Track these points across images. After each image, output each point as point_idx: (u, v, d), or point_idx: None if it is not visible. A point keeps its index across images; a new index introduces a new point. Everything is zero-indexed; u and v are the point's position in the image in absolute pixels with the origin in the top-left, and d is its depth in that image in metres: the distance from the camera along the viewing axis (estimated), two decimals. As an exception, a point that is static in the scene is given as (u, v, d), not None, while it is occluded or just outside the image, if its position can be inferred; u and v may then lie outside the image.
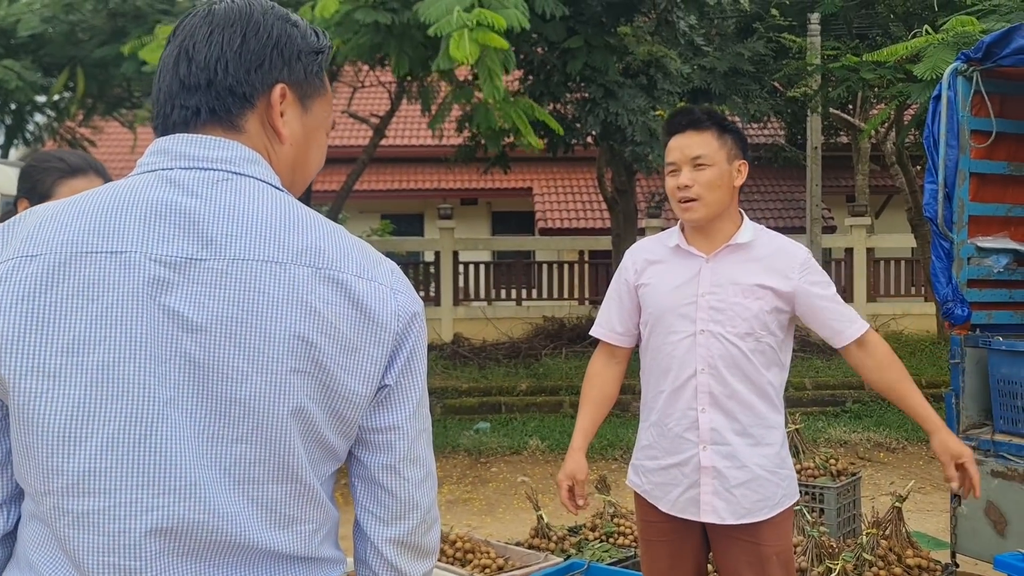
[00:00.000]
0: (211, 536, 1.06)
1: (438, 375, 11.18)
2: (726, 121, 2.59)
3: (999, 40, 3.98)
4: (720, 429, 2.50)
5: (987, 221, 4.35)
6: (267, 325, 1.06)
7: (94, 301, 1.02)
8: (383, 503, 1.19)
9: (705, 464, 2.51)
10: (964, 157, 4.20)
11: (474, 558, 3.91)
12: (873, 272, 13.83)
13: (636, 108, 8.08)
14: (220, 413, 1.06)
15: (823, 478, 4.14)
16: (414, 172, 17.88)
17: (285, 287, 1.07)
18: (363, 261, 1.15)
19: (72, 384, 1.02)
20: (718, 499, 2.50)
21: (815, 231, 12.68)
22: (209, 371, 1.05)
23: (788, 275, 2.53)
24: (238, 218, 1.09)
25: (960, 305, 4.14)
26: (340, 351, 1.10)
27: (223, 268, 1.06)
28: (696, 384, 2.51)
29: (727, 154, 2.52)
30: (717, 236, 2.55)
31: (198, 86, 1.15)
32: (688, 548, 2.61)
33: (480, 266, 14.23)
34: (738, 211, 2.62)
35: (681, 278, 2.55)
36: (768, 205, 16.29)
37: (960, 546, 4.08)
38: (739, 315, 2.50)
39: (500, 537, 5.30)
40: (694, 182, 2.48)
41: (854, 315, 2.60)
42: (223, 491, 1.06)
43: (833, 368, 10.87)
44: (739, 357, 2.50)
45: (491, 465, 7.97)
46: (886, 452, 8.07)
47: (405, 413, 1.18)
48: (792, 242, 2.64)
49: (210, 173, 1.12)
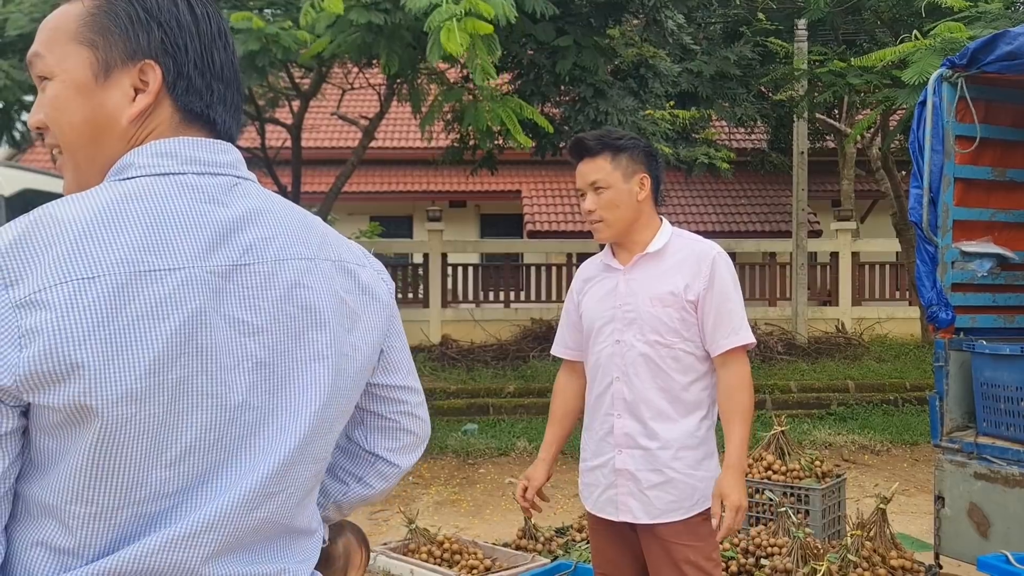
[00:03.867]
0: (255, 512, 1.09)
1: (426, 377, 11.18)
2: (620, 140, 2.62)
3: (984, 46, 4.03)
4: (633, 434, 2.59)
5: (971, 226, 4.40)
6: (316, 317, 1.14)
7: (164, 320, 1.01)
8: (404, 441, 1.36)
9: (619, 467, 2.61)
10: (949, 162, 4.25)
11: (461, 559, 3.93)
12: (858, 276, 13.92)
13: (625, 108, 8.12)
14: (285, 406, 1.11)
15: (808, 480, 4.17)
16: (403, 174, 17.87)
17: (320, 280, 1.16)
18: (356, 250, 1.26)
19: (155, 403, 1.01)
20: (633, 500, 2.59)
21: (800, 236, 12.75)
22: (275, 368, 1.10)
23: (696, 278, 2.55)
24: (263, 222, 1.13)
25: (944, 309, 4.18)
26: (361, 331, 1.22)
27: (269, 270, 1.11)
28: (612, 391, 2.63)
29: (622, 174, 2.59)
30: (634, 248, 2.64)
31: (231, 81, 1.17)
32: (626, 542, 2.68)
33: (468, 268, 14.24)
34: (656, 219, 2.67)
35: (605, 291, 2.68)
36: (754, 210, 16.37)
37: (943, 547, 4.12)
38: (648, 323, 2.57)
39: (488, 538, 5.31)
40: (596, 206, 2.59)
41: (736, 329, 2.52)
42: (277, 473, 1.10)
43: (818, 371, 10.94)
44: (650, 365, 2.56)
45: (479, 466, 7.97)
46: (871, 455, 8.12)
47: (407, 367, 1.34)
48: (706, 244, 2.62)
49: (223, 179, 1.13)
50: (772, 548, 3.83)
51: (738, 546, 3.92)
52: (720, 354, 2.53)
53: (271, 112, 11.60)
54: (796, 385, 10.21)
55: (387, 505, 6.82)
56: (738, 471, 2.48)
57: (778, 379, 10.44)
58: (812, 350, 12.01)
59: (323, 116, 16.48)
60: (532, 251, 15.46)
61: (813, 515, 4.08)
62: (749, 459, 4.39)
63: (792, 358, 11.63)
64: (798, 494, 4.14)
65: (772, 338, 12.26)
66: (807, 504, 4.10)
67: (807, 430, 8.81)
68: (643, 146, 2.64)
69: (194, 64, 1.13)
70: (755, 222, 15.96)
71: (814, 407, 9.76)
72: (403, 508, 6.78)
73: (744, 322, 2.55)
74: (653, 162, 2.65)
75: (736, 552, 3.89)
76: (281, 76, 10.45)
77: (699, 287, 2.53)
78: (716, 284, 2.53)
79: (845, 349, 12.13)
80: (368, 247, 14.46)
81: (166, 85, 1.12)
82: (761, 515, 4.20)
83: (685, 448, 2.54)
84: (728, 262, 2.59)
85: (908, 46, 6.93)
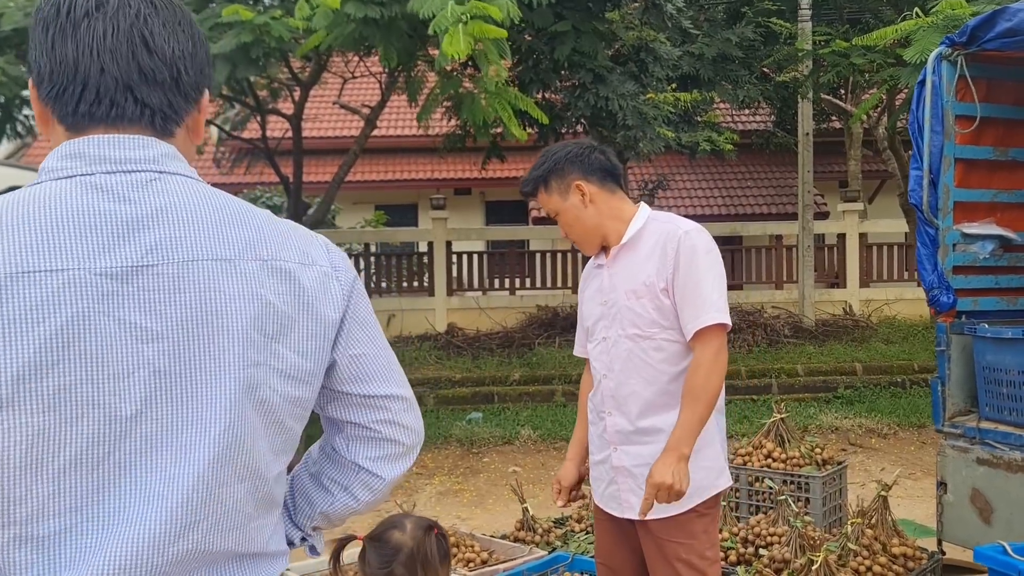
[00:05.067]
0: (176, 545, 1.03)
1: (431, 366, 11.16)
2: (542, 167, 2.61)
3: (983, 23, 3.94)
4: (623, 431, 2.56)
5: (973, 207, 4.32)
6: (228, 323, 1.07)
7: (39, 324, 0.98)
8: (387, 451, 1.27)
9: (616, 464, 2.59)
10: (949, 143, 4.17)
11: (459, 552, 3.89)
12: (866, 258, 13.80)
13: (626, 93, 8.03)
14: (190, 419, 1.05)
15: (808, 467, 4.11)
16: (408, 162, 17.82)
17: (239, 283, 1.08)
18: (302, 246, 1.17)
19: (29, 411, 0.97)
20: (633, 496, 2.55)
21: (806, 217, 12.63)
22: (180, 378, 1.04)
23: (664, 263, 2.47)
24: (177, 219, 1.07)
25: (945, 292, 4.12)
26: (294, 337, 1.13)
27: (176, 272, 1.05)
28: (603, 388, 2.61)
29: (559, 195, 2.61)
30: (613, 242, 2.62)
31: (163, 82, 1.12)
32: (626, 535, 2.65)
33: (474, 256, 14.18)
34: (627, 208, 2.61)
35: (594, 288, 2.68)
36: (760, 192, 16.25)
37: (946, 534, 4.07)
38: (625, 318, 2.54)
39: (489, 529, 5.29)
40: (564, 231, 2.68)
41: (707, 309, 2.41)
42: (192, 498, 1.04)
43: (825, 354, 10.86)
44: (634, 359, 2.52)
45: (483, 455, 7.95)
46: (878, 438, 8.06)
47: (383, 375, 1.25)
48: (676, 225, 2.52)
49: (136, 175, 1.08)
50: (771, 537, 3.78)
51: (737, 535, 3.88)
52: (692, 337, 2.45)
53: (274, 103, 11.56)
54: (803, 368, 10.14)
55: (390, 496, 6.82)
56: (673, 453, 2.36)
57: (785, 363, 10.37)
58: (819, 333, 11.93)
59: (325, 105, 16.43)
60: (538, 238, 15.39)
61: (813, 503, 4.03)
62: (748, 447, 4.34)
63: (799, 341, 11.55)
64: (798, 482, 4.09)
65: (779, 321, 12.18)
66: (808, 492, 4.05)
67: (813, 414, 8.75)
68: (564, 156, 2.60)
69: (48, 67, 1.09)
70: (761, 204, 15.85)
71: (821, 390, 9.70)
72: (404, 499, 6.78)
73: (716, 302, 2.42)
74: (584, 160, 2.59)
75: (736, 542, 3.85)
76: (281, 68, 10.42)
77: (667, 272, 2.46)
78: (682, 265, 2.44)
79: (853, 331, 12.05)
80: (372, 236, 14.43)
81: (38, 93, 1.11)
82: (761, 504, 4.16)
83: None
84: (701, 241, 2.47)
85: (909, 24, 6.84)
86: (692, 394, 2.41)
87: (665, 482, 2.33)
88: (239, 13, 6.72)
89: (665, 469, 2.35)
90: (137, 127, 1.11)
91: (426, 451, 8.15)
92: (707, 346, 2.42)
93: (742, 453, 4.31)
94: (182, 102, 1.15)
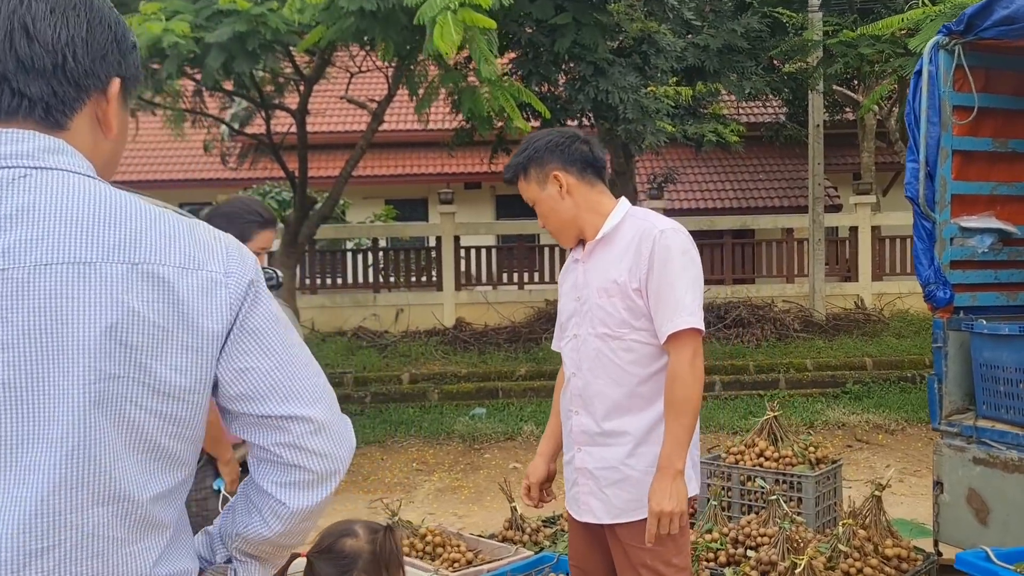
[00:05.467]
0: (22, 575, 0.97)
1: (437, 361, 11.12)
2: (524, 153, 2.54)
3: (981, 11, 3.84)
4: (588, 431, 2.50)
5: (972, 200, 4.22)
6: (80, 332, 0.98)
7: None
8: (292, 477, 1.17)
9: (579, 465, 2.53)
10: (946, 134, 4.07)
11: (444, 552, 3.85)
12: (879, 251, 13.62)
13: (627, 86, 7.93)
14: (38, 436, 0.97)
15: (801, 467, 4.03)
16: (418, 157, 17.77)
17: (96, 289, 1.00)
18: (191, 248, 1.08)
19: None
20: (594, 499, 2.49)
21: (817, 210, 12.49)
22: (23, 391, 0.97)
23: (638, 262, 2.39)
24: (39, 219, 1.00)
25: (942, 287, 4.02)
26: (165, 349, 1.03)
27: (24, 277, 0.97)
28: (571, 387, 2.55)
29: (537, 184, 2.53)
30: (590, 237, 2.54)
31: (43, 70, 1.05)
32: (597, 538, 2.58)
33: (483, 250, 14.12)
34: (606, 202, 2.52)
35: (570, 284, 2.61)
36: (771, 185, 16.09)
37: (942, 534, 3.98)
38: (596, 316, 2.47)
39: (485, 526, 5.25)
40: (542, 222, 2.59)
41: (680, 312, 2.31)
42: (36, 524, 0.97)
43: (835, 348, 10.74)
44: (603, 358, 2.45)
45: (484, 451, 7.90)
46: (885, 434, 7.95)
47: (283, 392, 1.13)
48: (652, 223, 2.42)
49: (2, 172, 1.02)
50: (761, 538, 3.71)
51: (727, 535, 3.80)
52: (665, 341, 2.36)
53: (281, 98, 11.53)
54: (812, 363, 10.02)
55: (387, 493, 6.78)
56: (666, 473, 2.28)
57: (793, 357, 10.25)
58: (830, 327, 11.79)
59: (332, 100, 16.39)
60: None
61: (806, 503, 3.94)
62: (740, 445, 4.26)
63: (809, 335, 11.42)
64: (791, 481, 4.00)
65: (789, 315, 12.05)
66: (800, 492, 3.97)
67: (820, 409, 8.65)
68: (544, 144, 2.51)
69: None
70: (772, 197, 15.69)
71: (829, 385, 9.58)
72: (403, 495, 6.74)
73: (690, 305, 2.33)
74: (564, 150, 2.50)
75: (726, 542, 3.78)
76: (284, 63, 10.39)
77: (641, 272, 2.38)
78: (656, 266, 2.35)
79: (864, 325, 11.90)
80: (381, 231, 14.40)
81: None
82: (753, 503, 4.08)
83: (644, 444, 2.40)
84: (676, 241, 2.37)
85: (916, 13, 6.72)
86: (675, 407, 2.33)
87: (665, 510, 2.26)
88: (236, 2, 6.67)
89: (662, 495, 2.28)
90: (16, 120, 1.05)
91: (427, 447, 8.11)
92: (682, 353, 2.34)
93: (734, 452, 4.23)
94: (71, 90, 1.08)
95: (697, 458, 2.53)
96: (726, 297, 12.65)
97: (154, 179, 17.12)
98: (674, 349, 2.35)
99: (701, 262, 2.46)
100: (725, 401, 9.28)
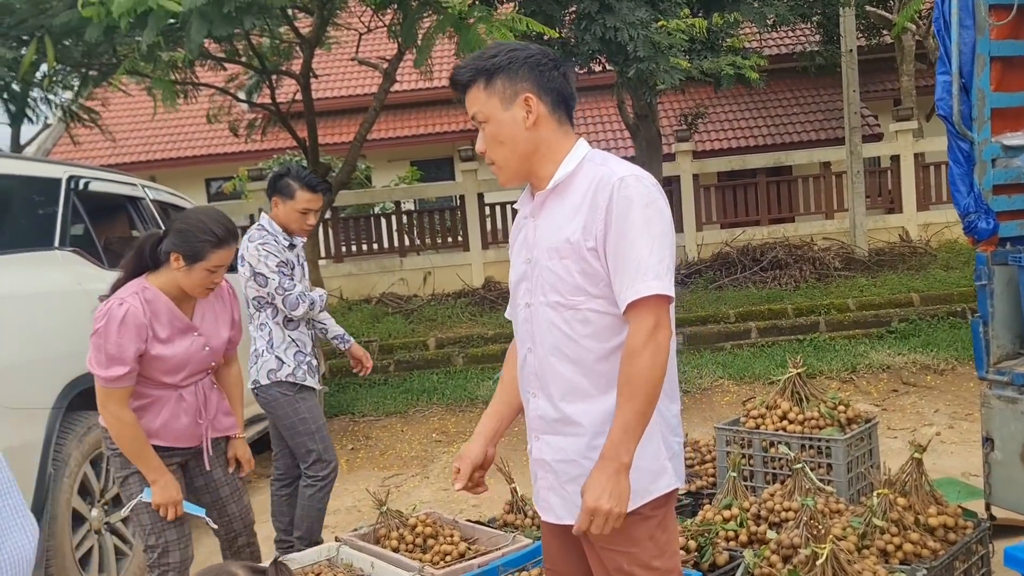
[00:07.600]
0: None
1: (464, 323, 10.80)
2: (494, 59, 2.04)
3: None
4: (545, 417, 2.10)
5: (1015, 113, 3.70)
6: None
7: None
8: None
9: (536, 456, 2.14)
10: (982, 39, 3.54)
11: (436, 543, 3.51)
12: (923, 179, 12.89)
13: (636, 21, 7.36)
14: None
15: (830, 429, 3.58)
16: (439, 115, 17.32)
17: None
18: None
19: None
20: (554, 495, 2.11)
21: (854, 141, 11.79)
22: None
23: (594, 217, 1.96)
24: None
25: (984, 217, 3.53)
26: None
27: None
28: (527, 365, 2.14)
29: (500, 100, 2.03)
30: (540, 186, 2.11)
31: None
32: (569, 537, 2.13)
33: (507, 207, 13.68)
34: (566, 145, 2.08)
35: (520, 242, 2.18)
36: (807, 118, 15.33)
37: (994, 497, 3.53)
38: (547, 281, 2.04)
39: (496, 502, 4.90)
40: (483, 145, 2.09)
41: (642, 276, 1.90)
42: None
43: (879, 285, 10.15)
44: (555, 332, 2.03)
45: (508, 418, 7.56)
46: (934, 375, 7.42)
47: None
48: (611, 170, 1.99)
49: None
50: (786, 513, 3.29)
51: (748, 511, 3.39)
52: (625, 310, 1.95)
53: (288, 64, 11.14)
54: (854, 302, 9.46)
55: (403, 469, 6.48)
56: (609, 464, 1.88)
57: (834, 298, 9.69)
58: (873, 263, 11.17)
59: (343, 63, 15.96)
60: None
61: (836, 470, 3.50)
62: (761, 407, 3.83)
63: (851, 273, 10.83)
64: (818, 446, 3.56)
65: (829, 254, 11.44)
66: (829, 457, 3.53)
67: (864, 351, 8.14)
68: (524, 57, 2.03)
69: None
70: (807, 131, 14.95)
71: (872, 326, 9.02)
72: (419, 471, 6.44)
73: (656, 267, 1.91)
74: (544, 73, 2.04)
75: (747, 519, 3.37)
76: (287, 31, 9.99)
77: (597, 228, 1.96)
78: (615, 221, 1.93)
79: (910, 259, 11.26)
80: (405, 193, 14.02)
81: None
82: (778, 472, 3.66)
83: (604, 435, 1.97)
84: (638, 191, 1.94)
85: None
86: (628, 386, 1.90)
87: (601, 507, 1.86)
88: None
89: (600, 490, 1.87)
90: None
91: (450, 415, 7.79)
92: (641, 323, 1.91)
93: (754, 415, 3.80)
94: None
95: (678, 447, 2.12)
96: (762, 238, 12.07)
97: (179, 156, 16.97)
98: (634, 319, 1.93)
99: (725, 203, 1.99)
100: (762, 349, 8.80)
